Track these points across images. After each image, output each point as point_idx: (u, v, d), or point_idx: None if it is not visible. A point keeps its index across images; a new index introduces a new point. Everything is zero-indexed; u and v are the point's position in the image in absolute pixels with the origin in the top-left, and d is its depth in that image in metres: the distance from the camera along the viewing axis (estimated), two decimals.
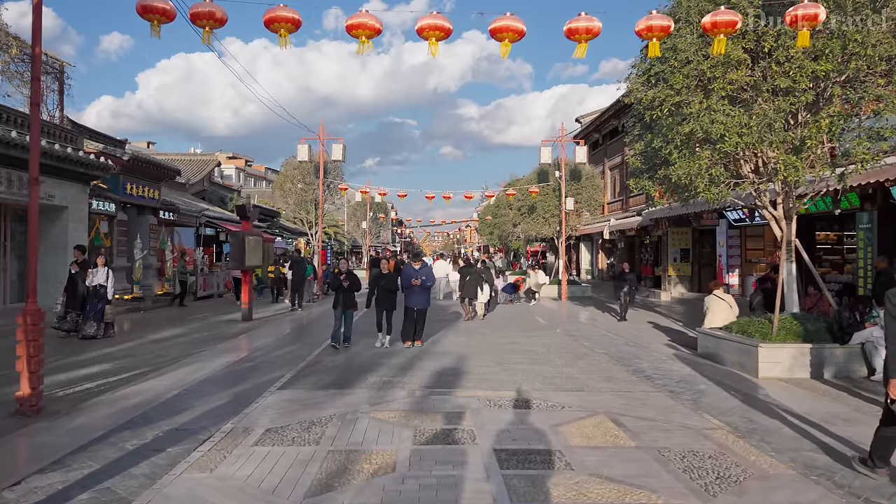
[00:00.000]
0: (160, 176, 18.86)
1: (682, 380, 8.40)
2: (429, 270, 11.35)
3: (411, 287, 10.90)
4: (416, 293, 10.91)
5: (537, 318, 16.44)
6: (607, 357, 10.17)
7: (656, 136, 9.06)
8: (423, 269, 11.13)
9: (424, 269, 11.19)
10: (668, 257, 23.08)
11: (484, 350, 10.73)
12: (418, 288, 10.89)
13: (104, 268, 12.11)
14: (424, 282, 10.97)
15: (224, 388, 7.62)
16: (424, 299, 11.05)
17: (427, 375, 8.51)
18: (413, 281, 10.83)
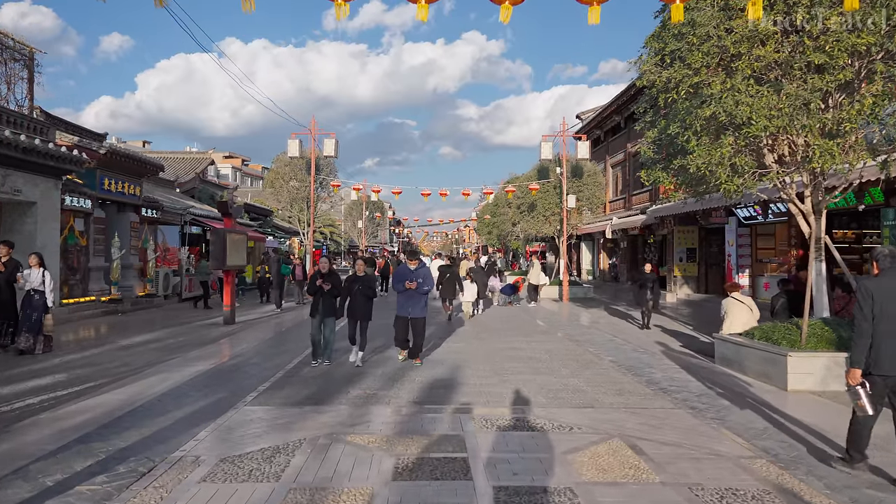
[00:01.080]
0: (142, 171, 17.94)
1: (703, 393, 7.50)
2: (427, 272, 9.35)
3: (405, 291, 9.09)
4: (411, 299, 9.07)
5: (538, 320, 15.54)
6: (616, 365, 9.27)
7: (672, 121, 8.16)
8: (419, 270, 9.21)
9: (422, 270, 9.23)
10: (674, 257, 22.19)
11: (481, 357, 9.82)
12: (414, 292, 9.04)
13: (39, 269, 10.04)
14: (421, 285, 9.07)
15: (185, 405, 6.70)
16: (421, 307, 9.13)
17: (417, 388, 7.60)
18: (407, 283, 9.03)
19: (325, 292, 8.67)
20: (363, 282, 9.02)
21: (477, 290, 17.16)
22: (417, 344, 9.16)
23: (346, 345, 9.63)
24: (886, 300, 4.52)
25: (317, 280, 8.73)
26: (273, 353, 10.31)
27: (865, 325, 4.53)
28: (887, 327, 4.49)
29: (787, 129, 7.18)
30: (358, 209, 44.00)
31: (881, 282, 4.64)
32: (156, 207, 19.44)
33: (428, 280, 9.25)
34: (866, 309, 4.54)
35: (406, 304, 9.12)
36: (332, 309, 8.85)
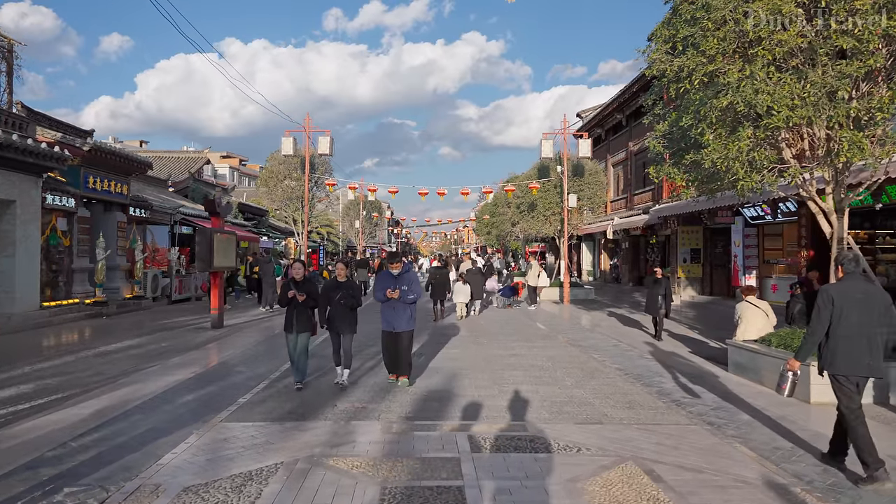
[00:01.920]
0: (129, 169, 17.35)
1: (719, 406, 6.93)
2: (413, 276, 7.89)
3: (388, 301, 7.69)
4: (395, 310, 7.65)
5: (538, 324, 14.97)
6: (623, 374, 8.70)
7: (684, 113, 7.59)
8: (404, 276, 7.72)
9: (406, 276, 7.74)
10: (678, 258, 21.63)
11: (479, 365, 9.25)
12: (397, 303, 7.62)
13: None
14: (405, 293, 7.60)
15: (154, 421, 6.12)
16: (407, 318, 7.69)
17: (410, 400, 7.02)
18: (389, 292, 7.58)
19: (300, 304, 7.32)
20: (345, 289, 7.60)
21: (471, 292, 16.93)
22: (404, 360, 7.79)
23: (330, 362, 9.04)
24: (846, 304, 4.67)
25: (288, 290, 7.37)
26: (259, 360, 9.73)
27: (819, 327, 4.74)
28: (845, 331, 4.65)
29: (812, 120, 6.60)
30: (355, 209, 43.39)
31: (843, 286, 4.80)
32: (144, 207, 18.84)
33: (414, 286, 7.71)
34: (824, 313, 4.71)
35: (390, 316, 7.72)
36: (308, 323, 7.48)
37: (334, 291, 7.62)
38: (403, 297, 7.60)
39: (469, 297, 16.94)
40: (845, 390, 4.69)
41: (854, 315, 4.66)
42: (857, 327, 4.66)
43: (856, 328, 4.66)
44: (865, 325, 4.66)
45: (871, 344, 4.66)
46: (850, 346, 4.65)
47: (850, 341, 4.65)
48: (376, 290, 7.90)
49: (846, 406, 4.69)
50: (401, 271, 7.76)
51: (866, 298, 4.73)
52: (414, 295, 7.69)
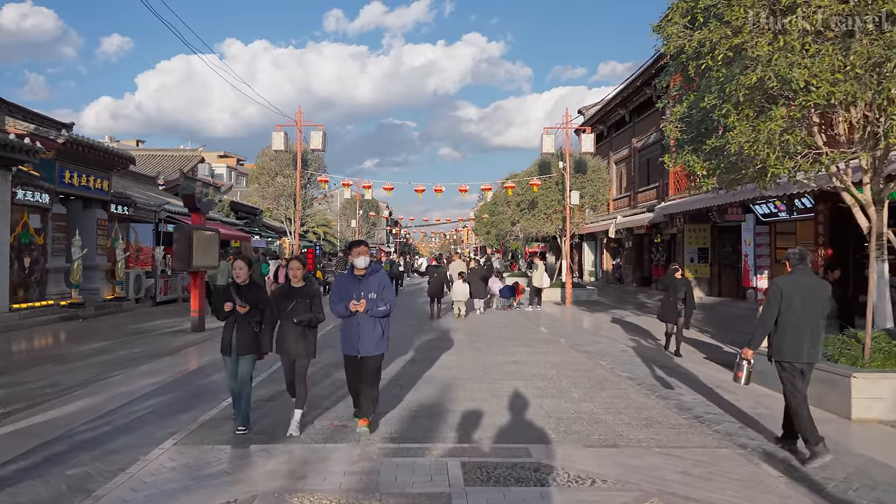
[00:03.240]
0: (110, 164, 16.50)
1: (749, 422, 6.10)
2: (383, 279, 5.67)
3: (351, 317, 5.51)
4: (361, 326, 5.48)
5: (541, 327, 14.13)
6: (635, 384, 7.87)
7: (706, 92, 6.75)
8: (371, 279, 5.57)
9: (375, 280, 5.58)
10: (685, 257, 20.79)
11: (476, 373, 8.41)
12: (364, 317, 5.47)
13: None
14: (373, 303, 5.47)
15: (99, 443, 5.28)
16: (375, 339, 5.54)
17: (397, 417, 6.19)
18: (352, 305, 5.41)
19: (241, 317, 5.46)
20: (300, 297, 5.59)
21: (470, 291, 16.66)
22: (367, 395, 5.61)
23: (315, 366, 8.20)
24: (794, 296, 4.99)
25: (226, 299, 5.50)
26: None
27: (770, 317, 5.08)
28: (792, 320, 4.97)
29: (856, 97, 5.76)
30: (352, 208, 42.57)
31: (791, 279, 5.13)
32: (127, 204, 18.01)
33: (386, 293, 5.55)
34: (773, 304, 5.06)
35: (352, 335, 5.50)
36: (253, 342, 5.51)
37: (285, 300, 5.62)
38: (372, 310, 5.42)
39: (467, 297, 16.42)
40: (789, 376, 5.06)
41: (799, 306, 4.99)
42: (801, 318, 4.98)
43: (801, 318, 4.98)
44: (809, 316, 5.00)
45: (813, 333, 5.02)
46: (795, 336, 4.98)
47: (795, 330, 4.97)
48: (333, 301, 5.57)
49: (790, 391, 5.06)
50: (367, 273, 5.56)
51: (811, 291, 5.06)
52: (386, 306, 5.48)
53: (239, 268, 5.63)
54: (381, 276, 5.63)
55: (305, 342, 5.65)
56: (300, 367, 5.66)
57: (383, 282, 5.62)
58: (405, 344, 11.07)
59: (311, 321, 5.64)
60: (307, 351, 5.67)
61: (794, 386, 5.03)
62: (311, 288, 5.75)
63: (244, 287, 5.60)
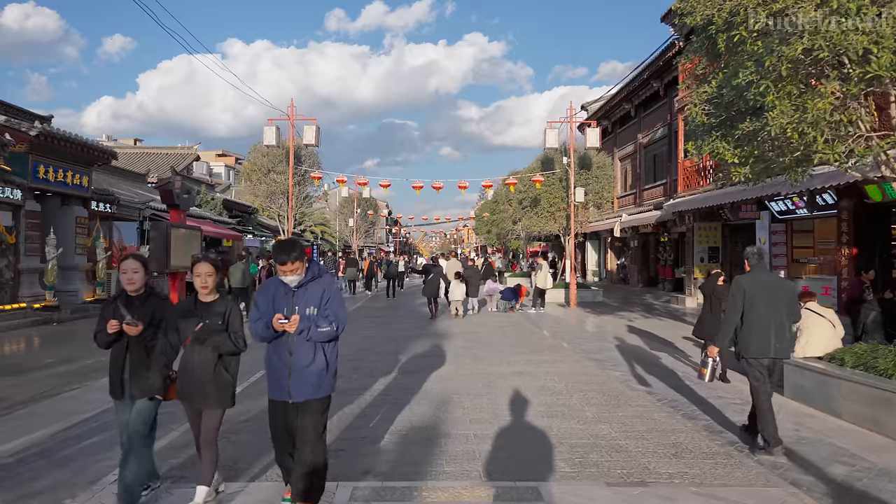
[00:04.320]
0: (89, 159, 15.62)
1: (794, 450, 5.21)
2: (330, 289, 3.82)
3: (278, 339, 3.71)
4: (291, 357, 3.68)
5: (544, 331, 13.25)
6: (655, 400, 6.99)
7: (740, 68, 5.85)
8: (311, 288, 3.75)
9: (315, 288, 3.76)
10: (694, 257, 19.89)
11: (477, 387, 7.52)
12: (297, 342, 3.68)
13: None
14: (312, 322, 3.67)
15: (18, 478, 4.40)
16: (315, 376, 3.70)
17: (384, 445, 5.30)
18: (277, 323, 3.59)
19: (133, 342, 3.88)
20: (211, 316, 3.84)
21: (467, 290, 16.45)
22: (304, 468, 3.67)
23: None
24: (755, 294, 5.09)
25: (111, 316, 3.85)
26: None
27: (734, 314, 5.16)
28: (755, 317, 5.06)
29: None
30: (350, 207, 41.66)
31: (751, 277, 5.23)
32: (109, 201, 17.12)
33: (333, 307, 3.74)
34: (738, 301, 5.13)
35: (279, 369, 3.71)
36: (155, 377, 3.81)
37: (187, 321, 3.82)
38: (309, 332, 3.61)
39: (464, 296, 16.02)
40: (756, 373, 5.16)
41: (762, 303, 5.08)
42: (765, 314, 5.07)
43: (764, 315, 5.07)
44: (772, 312, 5.08)
45: (777, 329, 5.09)
46: (760, 332, 5.07)
47: (760, 327, 5.07)
48: (253, 316, 3.73)
49: (755, 387, 5.17)
50: (304, 279, 3.71)
51: (772, 288, 5.19)
52: (331, 325, 3.67)
53: (131, 270, 3.84)
54: (327, 284, 3.80)
55: (218, 383, 3.77)
56: (209, 422, 3.82)
57: (329, 291, 3.77)
58: (399, 350, 10.20)
59: (224, 347, 3.76)
60: (220, 397, 3.79)
61: (759, 382, 5.12)
62: (227, 304, 3.91)
63: (138, 298, 3.92)
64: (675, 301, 19.71)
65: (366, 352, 10.17)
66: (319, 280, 3.81)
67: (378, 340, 11.54)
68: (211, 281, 3.90)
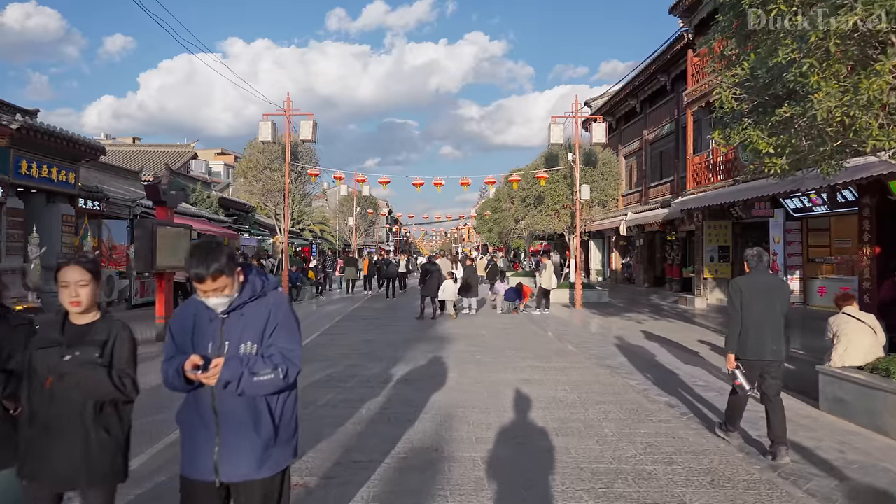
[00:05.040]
0: (76, 154, 14.99)
1: (847, 476, 4.59)
2: (276, 315, 2.47)
3: (195, 391, 2.44)
4: (219, 418, 2.41)
5: (550, 334, 12.63)
6: (678, 414, 6.37)
7: (779, 46, 5.22)
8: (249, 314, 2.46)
9: (256, 314, 2.46)
10: (704, 256, 19.27)
11: (482, 398, 6.90)
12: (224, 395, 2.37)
13: None
14: (244, 364, 2.34)
15: None
16: (257, 445, 2.42)
17: (378, 471, 4.68)
18: (188, 371, 2.30)
19: None
20: (81, 347, 2.56)
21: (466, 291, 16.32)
22: None
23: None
24: (753, 295, 5.11)
25: None
26: None
27: (736, 316, 5.16)
28: (752, 319, 5.08)
29: None
30: (349, 205, 41.03)
31: (750, 279, 5.25)
32: (98, 198, 16.50)
33: (281, 341, 2.45)
34: (736, 302, 5.16)
35: (198, 433, 2.45)
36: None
37: (47, 351, 2.54)
38: (241, 381, 2.32)
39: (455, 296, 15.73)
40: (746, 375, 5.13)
41: (759, 305, 5.06)
42: (762, 316, 5.05)
43: (761, 317, 5.05)
44: (769, 314, 5.06)
45: (774, 331, 5.07)
46: (756, 334, 5.05)
47: (756, 329, 5.05)
48: (166, 355, 2.51)
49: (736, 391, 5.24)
50: (238, 300, 2.45)
51: (769, 290, 5.15)
52: (274, 371, 2.37)
53: (75, 283, 2.59)
54: (274, 305, 2.49)
55: (93, 450, 2.54)
56: None
57: (277, 316, 2.48)
58: (399, 356, 9.58)
59: (99, 392, 2.54)
60: (95, 472, 2.55)
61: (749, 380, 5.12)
62: (112, 325, 2.68)
63: None
64: (684, 301, 19.08)
65: (364, 357, 9.56)
66: (262, 300, 2.48)
67: (377, 345, 10.93)
68: (85, 294, 2.59)
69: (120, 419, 2.66)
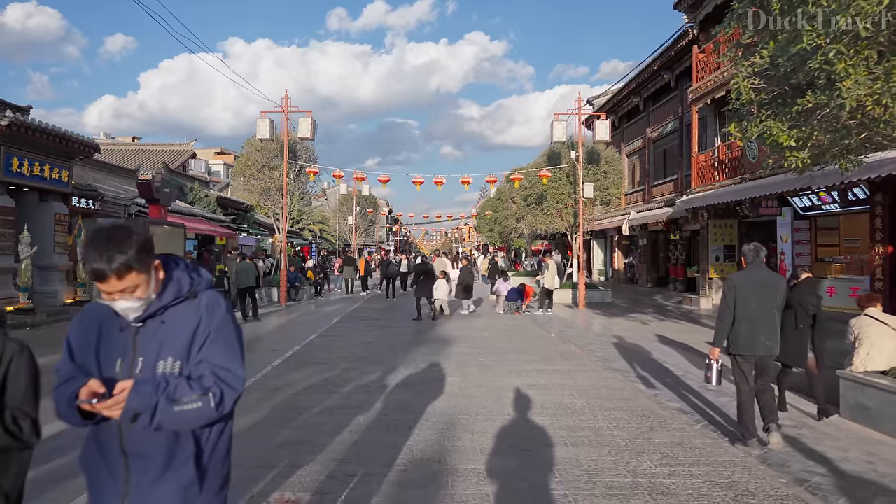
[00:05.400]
0: (69, 152, 14.69)
1: (880, 491, 4.27)
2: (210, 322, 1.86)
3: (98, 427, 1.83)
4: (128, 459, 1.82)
5: (554, 335, 12.31)
6: (692, 420, 6.06)
7: (802, 32, 4.91)
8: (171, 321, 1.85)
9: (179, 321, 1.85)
10: (709, 256, 18.94)
11: (486, 404, 6.58)
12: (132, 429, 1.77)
13: None
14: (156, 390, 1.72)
15: None
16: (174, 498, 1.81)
17: (375, 487, 4.36)
18: (82, 401, 1.67)
19: None
20: None
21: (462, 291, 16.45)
22: None
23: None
24: (747, 291, 5.07)
25: None
26: None
27: (727, 312, 5.13)
28: (746, 314, 5.05)
29: None
30: (349, 204, 40.71)
31: (745, 274, 5.20)
32: (92, 197, 16.20)
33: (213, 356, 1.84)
34: (729, 298, 5.13)
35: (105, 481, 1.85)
36: None
37: None
38: (156, 415, 1.71)
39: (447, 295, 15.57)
40: (739, 371, 5.17)
41: (754, 300, 5.02)
42: (756, 311, 5.01)
43: (755, 312, 5.01)
44: (764, 309, 5.02)
45: (768, 326, 5.02)
46: (749, 329, 5.02)
47: (749, 324, 5.02)
48: (59, 384, 1.81)
49: (738, 384, 5.21)
50: (158, 303, 1.83)
51: (765, 285, 5.08)
52: (205, 396, 1.77)
53: None
54: (208, 311, 1.89)
55: None
56: None
57: (210, 325, 1.87)
58: (399, 359, 9.27)
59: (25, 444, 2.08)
60: None
61: (743, 380, 5.15)
62: (7, 346, 2.12)
63: None
64: (689, 302, 18.75)
65: (363, 360, 9.25)
66: (190, 304, 1.89)
67: (376, 347, 10.62)
68: None
69: (14, 474, 2.05)
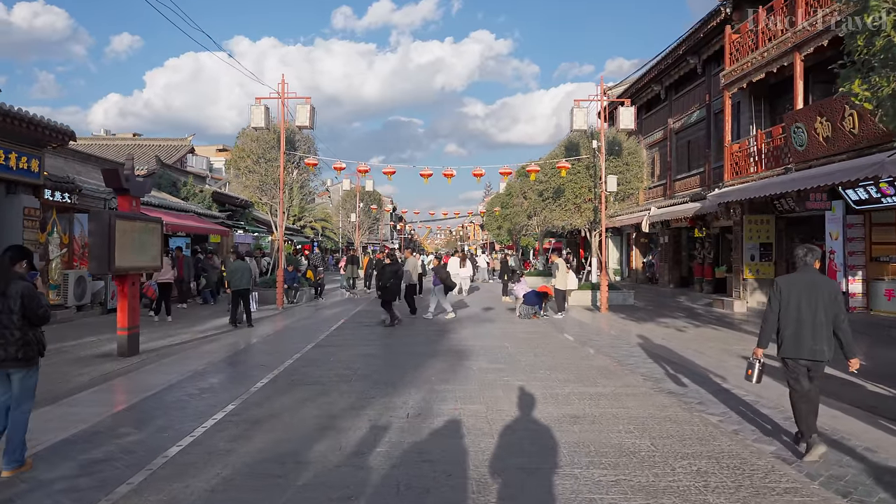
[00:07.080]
0: (40, 139, 13.19)
1: None
2: None
3: None
4: None
5: (588, 347, 10.78)
6: (804, 475, 4.53)
7: None
8: None
9: None
10: (743, 254, 17.36)
11: (524, 449, 5.07)
12: None
13: None
14: None
15: None
16: None
17: None
18: None
19: None
20: None
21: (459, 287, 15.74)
22: None
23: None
24: (792, 294, 5.03)
25: None
26: (132, 435, 5.57)
27: (772, 315, 5.12)
28: (792, 317, 5.00)
29: None
30: (352, 201, 39.20)
31: (792, 277, 5.18)
32: (69, 190, 14.71)
33: None
34: (774, 302, 5.11)
35: None
36: None
37: None
38: None
39: None
40: (792, 374, 5.08)
41: (801, 303, 4.97)
42: (803, 314, 4.95)
43: (802, 315, 4.95)
44: (811, 313, 4.93)
45: (815, 330, 4.92)
46: (796, 332, 4.97)
47: (796, 327, 4.97)
48: None
49: (792, 387, 5.10)
50: None
51: (812, 288, 4.99)
52: None
53: None
54: None
55: None
56: None
57: None
58: (407, 378, 7.77)
59: None
60: None
61: (796, 382, 5.03)
62: None
63: None
64: (721, 305, 17.18)
65: (364, 381, 7.75)
66: None
67: (379, 362, 9.14)
68: None
69: None
